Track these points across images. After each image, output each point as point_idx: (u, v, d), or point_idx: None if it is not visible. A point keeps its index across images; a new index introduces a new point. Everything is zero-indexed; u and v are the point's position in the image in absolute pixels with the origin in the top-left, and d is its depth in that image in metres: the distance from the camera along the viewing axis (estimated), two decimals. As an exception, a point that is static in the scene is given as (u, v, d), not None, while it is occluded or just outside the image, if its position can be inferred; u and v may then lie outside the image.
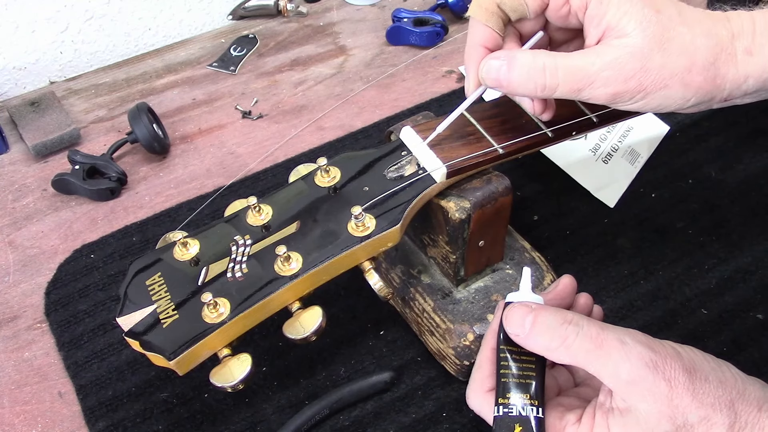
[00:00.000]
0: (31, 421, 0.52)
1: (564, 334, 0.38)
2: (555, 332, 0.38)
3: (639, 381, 0.36)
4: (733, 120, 0.72)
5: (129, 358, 0.55)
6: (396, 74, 0.80)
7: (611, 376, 0.37)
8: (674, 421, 0.36)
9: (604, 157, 0.68)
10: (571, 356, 0.38)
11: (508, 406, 0.39)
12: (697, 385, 0.36)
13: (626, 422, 0.37)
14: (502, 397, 0.39)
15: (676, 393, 0.36)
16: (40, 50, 0.81)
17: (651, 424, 0.36)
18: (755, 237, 0.62)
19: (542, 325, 0.39)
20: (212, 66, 0.82)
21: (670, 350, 0.38)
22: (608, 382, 0.37)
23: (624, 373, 0.37)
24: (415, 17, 0.84)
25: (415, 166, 0.47)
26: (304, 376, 0.54)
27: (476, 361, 0.43)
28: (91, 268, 0.61)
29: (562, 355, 0.38)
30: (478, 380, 0.42)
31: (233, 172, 0.70)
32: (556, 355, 0.39)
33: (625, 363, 0.37)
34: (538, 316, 0.39)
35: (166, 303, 0.43)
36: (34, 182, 0.69)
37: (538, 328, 0.39)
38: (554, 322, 0.39)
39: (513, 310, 0.40)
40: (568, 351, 0.38)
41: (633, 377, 0.36)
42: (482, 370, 0.42)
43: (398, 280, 0.54)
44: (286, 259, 0.43)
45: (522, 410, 0.39)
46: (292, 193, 0.48)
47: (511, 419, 0.39)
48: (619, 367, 0.37)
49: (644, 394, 0.36)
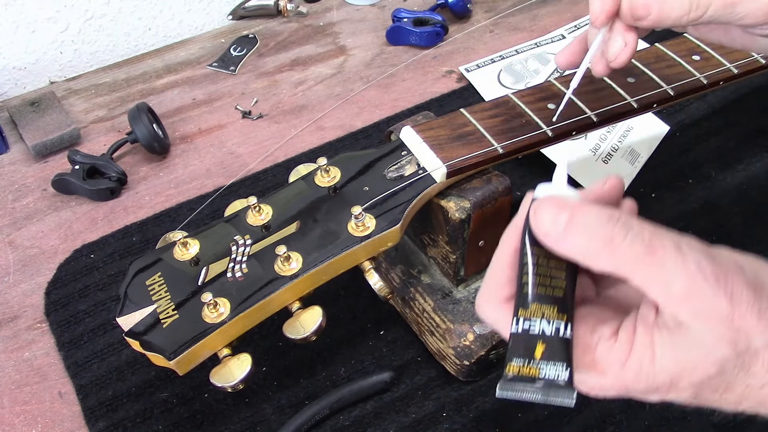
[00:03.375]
0: (31, 421, 0.52)
1: (609, 235, 0.31)
2: (597, 232, 0.31)
3: (696, 296, 0.30)
4: (733, 120, 0.72)
5: (129, 358, 0.55)
6: (396, 74, 0.80)
7: (662, 290, 0.31)
8: (735, 346, 0.30)
9: (604, 157, 0.68)
10: (615, 263, 0.31)
11: (529, 321, 0.31)
12: (764, 305, 0.30)
13: (675, 342, 0.31)
14: (522, 308, 0.32)
15: (739, 312, 0.30)
16: (40, 50, 0.81)
17: (707, 348, 0.30)
18: (755, 237, 0.62)
19: (581, 224, 0.32)
20: (212, 66, 0.82)
21: (731, 262, 0.31)
22: (657, 296, 0.31)
23: (678, 285, 0.30)
24: (415, 17, 0.84)
25: (415, 165, 0.47)
26: (304, 376, 0.54)
27: (491, 265, 0.36)
28: (91, 268, 0.61)
29: (603, 261, 0.31)
30: (493, 287, 0.35)
31: (233, 172, 0.70)
32: (595, 260, 0.32)
33: (681, 274, 0.30)
34: (576, 213, 0.32)
35: (166, 303, 0.43)
36: (34, 182, 0.69)
37: (575, 227, 0.32)
38: (596, 221, 0.32)
39: (544, 204, 0.33)
40: (613, 256, 0.31)
41: (689, 291, 0.30)
42: (499, 275, 0.35)
43: (398, 280, 0.54)
44: (286, 259, 0.43)
45: (546, 326, 0.31)
46: (292, 193, 0.48)
47: (532, 337, 0.31)
48: (673, 279, 0.30)
49: (701, 311, 0.30)
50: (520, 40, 0.85)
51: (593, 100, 0.51)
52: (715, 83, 0.54)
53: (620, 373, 0.31)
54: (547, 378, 0.30)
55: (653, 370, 0.31)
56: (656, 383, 0.31)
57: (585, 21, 0.87)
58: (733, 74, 0.54)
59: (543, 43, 0.83)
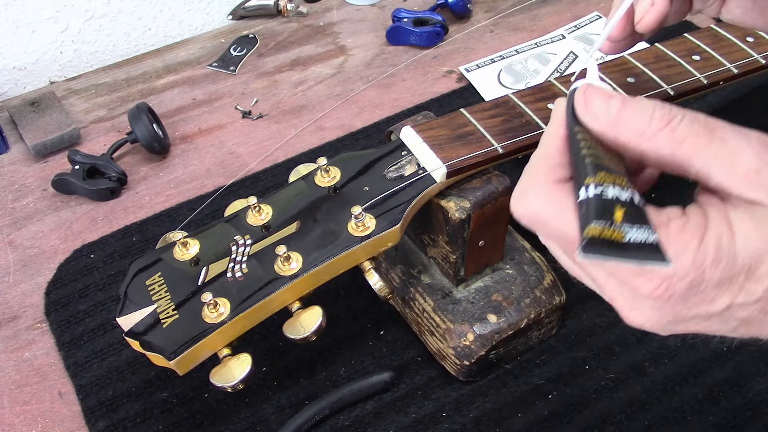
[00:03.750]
0: (31, 421, 0.52)
1: (667, 116, 0.29)
2: (655, 112, 0.29)
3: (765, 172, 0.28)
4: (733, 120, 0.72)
5: (129, 358, 0.55)
6: (396, 74, 0.80)
7: (727, 170, 0.29)
8: None
9: (604, 157, 0.68)
10: (676, 141, 0.29)
11: (600, 186, 0.28)
12: None
13: (755, 215, 0.28)
14: (590, 176, 0.28)
15: None
16: (40, 50, 0.81)
17: None
18: (755, 237, 0.62)
19: (635, 107, 0.30)
20: (212, 66, 0.82)
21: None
22: (722, 179, 0.29)
23: (744, 163, 0.28)
24: (415, 17, 0.84)
25: (415, 165, 0.47)
26: (304, 376, 0.54)
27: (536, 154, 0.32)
28: (91, 268, 0.61)
29: (663, 140, 0.29)
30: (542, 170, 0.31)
31: (233, 172, 0.70)
32: (656, 139, 0.29)
33: (746, 151, 0.29)
34: (626, 98, 0.30)
35: (166, 303, 0.43)
36: (34, 182, 0.69)
37: (628, 110, 0.30)
38: (649, 104, 0.30)
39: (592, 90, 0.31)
40: (672, 136, 0.29)
41: (757, 167, 0.28)
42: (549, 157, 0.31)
43: (398, 280, 0.54)
44: (286, 259, 0.43)
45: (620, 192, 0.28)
46: (292, 193, 0.48)
47: (608, 202, 0.27)
48: (738, 157, 0.28)
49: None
50: (520, 40, 0.85)
51: (593, 100, 0.51)
52: (715, 83, 0.54)
53: (698, 251, 0.27)
54: (633, 241, 0.26)
55: (734, 247, 0.28)
56: (737, 265, 0.28)
57: (585, 21, 0.87)
58: (733, 74, 0.54)
59: (543, 43, 0.83)
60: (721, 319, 0.29)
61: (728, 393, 0.52)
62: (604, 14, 0.88)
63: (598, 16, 0.88)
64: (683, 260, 0.27)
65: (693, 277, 0.27)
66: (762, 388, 0.52)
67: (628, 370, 0.53)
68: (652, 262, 0.26)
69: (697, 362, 0.53)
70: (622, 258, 0.26)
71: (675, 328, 0.30)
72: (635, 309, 0.30)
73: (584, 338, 0.55)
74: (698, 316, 0.29)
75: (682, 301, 0.28)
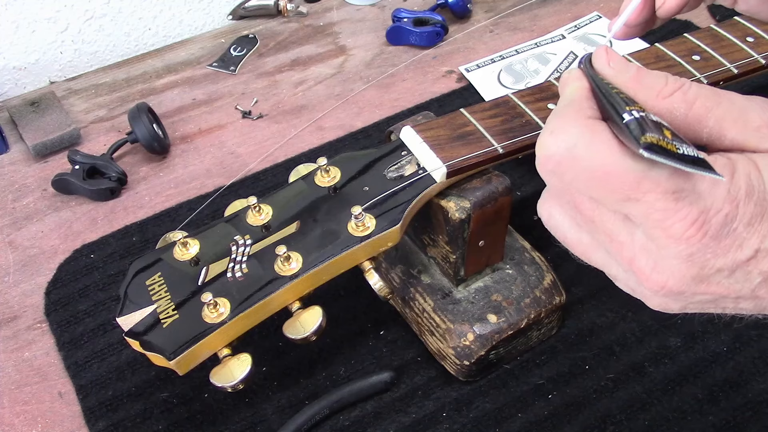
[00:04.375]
0: (31, 421, 0.52)
1: (680, 81, 0.31)
2: (667, 78, 0.31)
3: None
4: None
5: (129, 358, 0.55)
6: (396, 74, 0.80)
7: (740, 123, 0.30)
8: None
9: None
10: (689, 100, 0.30)
11: (641, 112, 0.29)
12: None
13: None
14: (629, 104, 0.29)
15: None
16: (40, 50, 0.81)
17: None
18: (755, 237, 0.62)
19: (649, 71, 0.32)
20: (212, 66, 0.82)
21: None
22: (737, 130, 0.30)
23: (754, 116, 0.30)
24: (415, 17, 0.84)
25: (415, 165, 0.47)
26: (304, 376, 0.54)
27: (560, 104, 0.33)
28: (91, 268, 0.61)
29: (677, 99, 0.30)
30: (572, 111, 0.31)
31: (233, 172, 0.70)
32: (668, 102, 0.31)
33: (754, 107, 0.30)
34: (640, 66, 0.32)
35: (166, 303, 0.43)
36: (34, 182, 0.69)
37: (645, 72, 0.32)
38: (661, 72, 0.32)
39: (611, 50, 0.33)
40: (687, 94, 0.31)
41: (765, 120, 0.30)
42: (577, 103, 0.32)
43: (398, 280, 0.54)
44: (286, 259, 0.43)
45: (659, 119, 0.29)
46: (292, 193, 0.48)
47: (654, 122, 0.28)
48: (747, 112, 0.30)
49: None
50: (520, 40, 0.85)
51: (593, 100, 0.51)
52: (715, 83, 0.54)
53: (732, 183, 0.28)
54: (685, 153, 0.27)
55: (763, 183, 0.28)
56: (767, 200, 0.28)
57: (585, 21, 0.87)
58: (733, 74, 0.54)
59: (543, 43, 0.83)
60: (745, 273, 0.29)
61: (728, 393, 0.52)
62: (605, 14, 0.88)
63: (598, 16, 0.88)
64: (718, 194, 0.27)
65: (728, 210, 0.27)
66: (762, 388, 0.52)
67: (628, 370, 0.53)
68: (708, 172, 0.26)
69: (697, 362, 0.53)
70: (681, 163, 0.26)
71: (697, 288, 0.29)
72: (658, 265, 0.29)
73: (584, 338, 0.55)
74: (724, 268, 0.28)
75: (714, 241, 0.28)
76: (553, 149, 0.30)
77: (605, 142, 0.29)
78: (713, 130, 0.30)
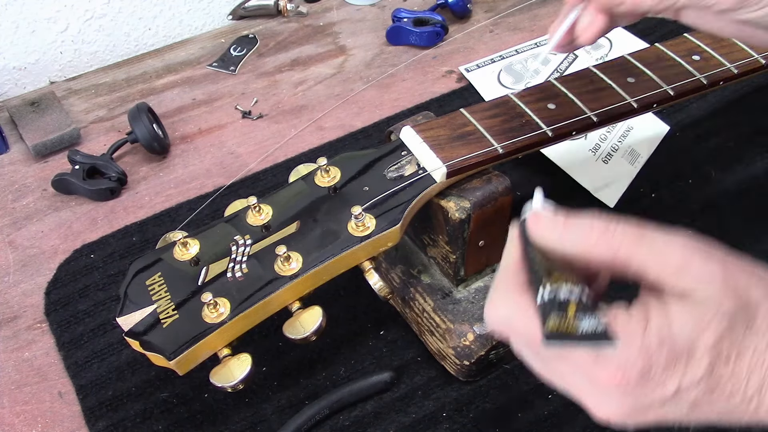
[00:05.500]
0: (31, 421, 0.52)
1: (604, 225, 0.34)
2: (594, 225, 0.34)
3: (691, 265, 0.33)
4: (733, 120, 0.72)
5: (129, 358, 0.55)
6: (396, 74, 0.80)
7: (660, 266, 0.33)
8: (737, 300, 0.32)
9: (604, 157, 0.68)
10: (613, 248, 0.34)
11: (554, 287, 0.33)
12: (747, 266, 0.34)
13: (686, 307, 0.32)
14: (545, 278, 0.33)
15: (731, 273, 0.33)
16: (40, 50, 0.81)
17: (714, 304, 0.32)
18: (755, 237, 0.62)
19: (574, 225, 0.35)
20: (212, 66, 0.82)
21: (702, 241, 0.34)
22: (657, 273, 0.33)
23: (673, 258, 0.33)
24: (415, 17, 0.84)
25: (415, 165, 0.47)
26: (304, 376, 0.54)
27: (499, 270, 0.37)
28: (91, 268, 0.61)
29: (602, 248, 0.34)
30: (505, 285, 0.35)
31: (233, 172, 0.70)
32: (596, 249, 0.34)
33: (673, 248, 0.33)
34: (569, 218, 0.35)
35: (166, 303, 0.43)
36: (34, 182, 0.69)
37: (570, 228, 0.35)
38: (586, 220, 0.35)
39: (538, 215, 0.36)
40: (610, 243, 0.34)
41: (684, 262, 0.33)
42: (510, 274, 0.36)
43: (398, 280, 0.54)
44: (286, 259, 0.43)
45: (572, 291, 0.33)
46: (292, 193, 0.48)
47: (561, 302, 0.32)
48: (668, 254, 0.33)
49: (699, 276, 0.33)
50: (520, 40, 0.85)
51: (593, 100, 0.51)
52: (715, 83, 0.54)
53: (643, 339, 0.31)
54: (585, 331, 0.31)
55: (672, 333, 0.31)
56: (677, 349, 0.31)
57: (585, 21, 0.87)
58: (733, 74, 0.54)
59: (543, 43, 0.83)
60: (675, 403, 0.32)
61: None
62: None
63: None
64: (632, 348, 0.31)
65: (643, 362, 0.31)
66: (762, 388, 0.52)
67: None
68: (604, 345, 0.31)
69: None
70: (578, 344, 0.31)
71: (638, 418, 0.33)
72: (601, 403, 0.33)
73: (584, 338, 0.55)
74: (655, 402, 0.32)
75: (639, 386, 0.31)
76: (495, 319, 0.35)
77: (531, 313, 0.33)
78: (638, 270, 0.34)
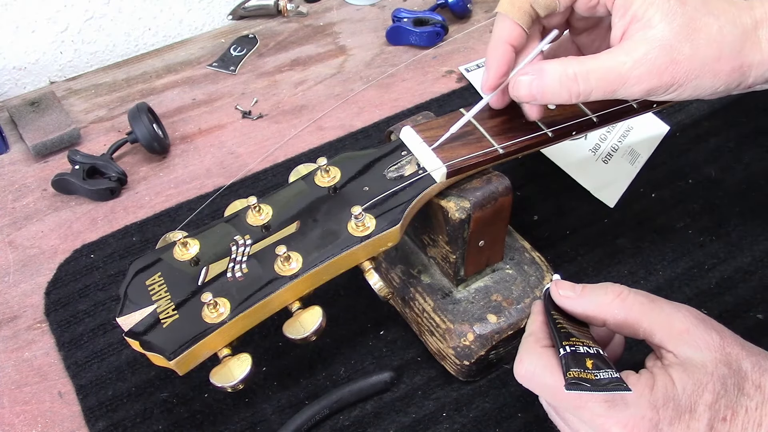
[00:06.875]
0: (31, 421, 0.52)
1: (618, 290, 0.40)
2: (608, 289, 0.41)
3: (692, 331, 0.38)
4: (733, 120, 0.72)
5: (129, 358, 0.55)
6: (396, 74, 0.80)
7: (665, 330, 0.39)
8: (730, 366, 0.38)
9: (604, 157, 0.68)
10: (626, 309, 0.40)
11: (574, 346, 0.38)
12: (739, 339, 0.39)
13: (686, 370, 0.38)
14: (566, 339, 0.39)
15: (727, 342, 0.39)
16: (40, 50, 0.81)
17: (710, 369, 0.37)
18: (755, 237, 0.62)
19: (594, 287, 0.41)
20: (212, 66, 0.82)
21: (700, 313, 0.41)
22: (662, 337, 0.39)
23: (677, 323, 0.39)
24: (415, 17, 0.84)
25: (415, 166, 0.47)
26: (304, 376, 0.54)
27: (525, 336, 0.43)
28: (91, 268, 0.61)
29: (616, 309, 0.40)
30: (531, 342, 0.41)
31: (233, 172, 0.70)
32: (610, 309, 0.40)
33: (678, 316, 0.39)
34: (586, 285, 0.42)
35: (166, 303, 0.43)
36: (34, 182, 0.69)
37: (590, 289, 0.41)
38: (603, 285, 0.41)
39: (560, 282, 0.42)
40: (624, 303, 0.40)
41: (687, 328, 0.39)
42: (535, 335, 0.42)
43: (398, 280, 0.54)
44: (286, 259, 0.43)
45: (589, 349, 0.39)
46: (292, 193, 0.48)
47: (581, 355, 0.38)
48: (672, 319, 0.39)
49: (698, 343, 0.38)
50: (520, 40, 0.85)
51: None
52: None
53: (651, 397, 0.36)
54: (602, 378, 0.36)
55: (676, 392, 0.37)
56: (681, 406, 0.36)
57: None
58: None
59: (543, 43, 0.83)
60: None
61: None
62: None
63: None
64: (642, 404, 0.36)
65: (651, 415, 0.36)
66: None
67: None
68: (620, 390, 0.36)
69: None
70: (596, 389, 0.36)
71: None
72: None
73: (584, 338, 0.55)
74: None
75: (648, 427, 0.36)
76: (522, 373, 0.40)
77: (554, 368, 0.38)
78: (647, 331, 0.40)
